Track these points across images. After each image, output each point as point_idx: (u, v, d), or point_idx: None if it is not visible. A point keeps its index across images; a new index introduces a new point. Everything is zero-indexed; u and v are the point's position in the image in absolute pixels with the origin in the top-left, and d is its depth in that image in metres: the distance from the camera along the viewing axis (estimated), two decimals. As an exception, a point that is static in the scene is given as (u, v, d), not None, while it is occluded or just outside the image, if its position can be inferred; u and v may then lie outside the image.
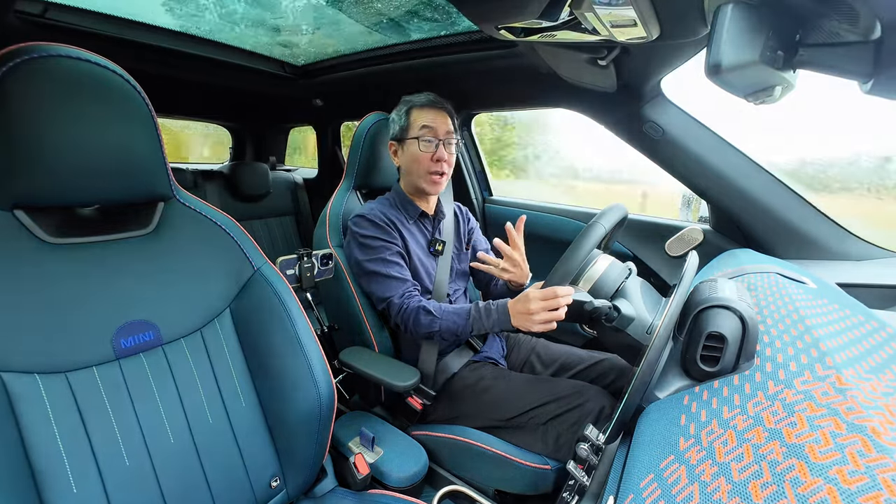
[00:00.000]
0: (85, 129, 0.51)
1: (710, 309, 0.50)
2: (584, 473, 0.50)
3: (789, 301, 0.55)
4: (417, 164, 0.99)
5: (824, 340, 0.44)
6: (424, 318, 0.89)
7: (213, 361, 0.64)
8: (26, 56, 0.48)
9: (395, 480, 0.79)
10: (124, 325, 0.57)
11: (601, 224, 0.78)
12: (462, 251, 1.15)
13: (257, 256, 0.71)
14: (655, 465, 0.38)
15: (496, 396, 0.90)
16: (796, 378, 0.39)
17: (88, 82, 0.51)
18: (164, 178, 0.62)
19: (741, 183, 0.99)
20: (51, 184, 0.51)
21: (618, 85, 0.97)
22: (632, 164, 1.84)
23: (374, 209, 1.00)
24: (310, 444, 0.68)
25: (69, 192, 0.53)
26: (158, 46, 1.28)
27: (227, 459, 0.63)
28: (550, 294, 0.75)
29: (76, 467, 0.51)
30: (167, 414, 0.58)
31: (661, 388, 0.50)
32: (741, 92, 0.49)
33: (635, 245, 1.25)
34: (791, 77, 0.47)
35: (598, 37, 0.69)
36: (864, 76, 0.43)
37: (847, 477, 0.27)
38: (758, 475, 0.30)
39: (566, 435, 0.82)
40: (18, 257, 0.51)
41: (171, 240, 0.64)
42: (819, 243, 0.95)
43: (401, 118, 1.01)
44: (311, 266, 1.00)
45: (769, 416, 0.35)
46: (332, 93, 1.80)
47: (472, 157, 1.63)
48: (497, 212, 1.61)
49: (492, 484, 0.89)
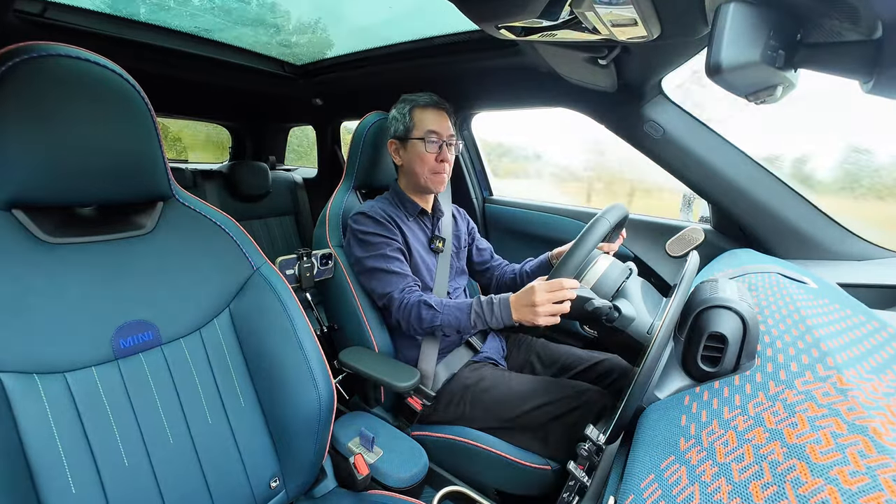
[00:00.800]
0: (84, 129, 0.51)
1: (710, 309, 0.50)
2: (585, 474, 0.50)
3: (790, 301, 0.55)
4: (422, 164, 1.00)
5: (825, 341, 0.44)
6: (426, 312, 0.89)
7: (213, 362, 0.64)
8: (25, 55, 0.48)
9: (394, 481, 0.79)
10: (123, 325, 0.57)
11: (606, 219, 0.78)
12: (460, 249, 1.15)
13: (257, 256, 0.71)
14: (656, 465, 0.38)
15: (496, 397, 0.90)
16: (797, 378, 0.39)
17: (88, 82, 0.51)
18: (164, 177, 0.62)
19: (742, 182, 0.99)
20: (49, 183, 0.51)
21: (618, 84, 0.97)
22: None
23: (375, 206, 1.01)
24: (309, 445, 0.67)
25: (68, 192, 0.53)
26: (158, 46, 1.28)
27: (226, 460, 0.63)
28: (557, 286, 0.74)
29: (75, 468, 0.51)
30: (166, 414, 0.58)
31: (661, 389, 0.50)
32: (742, 91, 0.48)
33: (636, 245, 1.25)
34: (792, 76, 0.47)
35: (599, 36, 0.69)
36: (866, 75, 0.43)
37: (848, 477, 0.27)
38: (758, 476, 0.30)
39: (566, 436, 0.82)
40: (16, 257, 0.51)
41: (171, 240, 0.64)
42: (820, 243, 0.95)
43: (404, 117, 1.01)
44: (311, 266, 1.00)
45: (770, 417, 0.35)
46: (332, 92, 1.80)
47: (472, 156, 1.63)
48: (497, 211, 1.61)
49: (492, 484, 0.88)
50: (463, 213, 1.24)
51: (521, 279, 1.13)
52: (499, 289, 1.19)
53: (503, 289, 1.18)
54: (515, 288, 1.07)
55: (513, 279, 1.16)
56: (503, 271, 1.20)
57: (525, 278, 1.12)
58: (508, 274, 1.18)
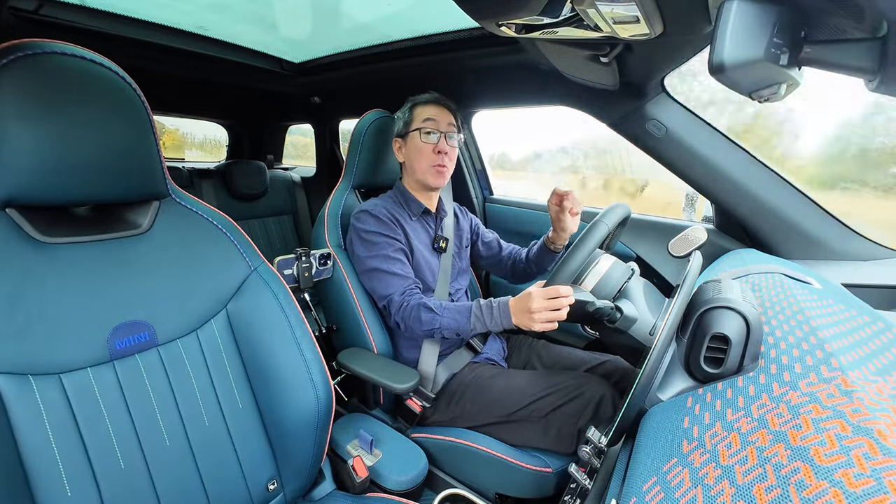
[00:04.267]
0: (79, 127, 0.51)
1: (713, 310, 0.49)
2: (586, 476, 0.50)
3: (794, 302, 0.55)
4: (420, 155, 0.99)
5: (830, 342, 0.43)
6: (425, 315, 0.88)
7: (209, 363, 0.63)
8: (20, 53, 0.47)
9: (394, 484, 0.79)
10: (119, 325, 0.56)
11: (604, 223, 0.77)
12: (462, 249, 1.15)
13: (254, 256, 0.70)
14: (658, 467, 0.37)
15: (496, 393, 0.90)
16: (801, 380, 0.38)
17: (83, 79, 0.51)
18: (160, 176, 0.61)
19: (745, 182, 0.99)
20: (44, 182, 0.50)
21: (620, 82, 0.96)
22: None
23: (378, 205, 1.00)
24: (307, 447, 0.67)
25: (62, 191, 0.52)
26: (154, 43, 1.27)
27: (223, 462, 0.62)
28: (553, 293, 0.74)
29: (70, 470, 0.50)
30: (162, 416, 0.58)
31: (664, 390, 0.50)
32: (745, 90, 0.48)
33: (638, 245, 1.24)
34: (797, 74, 0.46)
35: (601, 33, 0.68)
36: (871, 73, 0.42)
37: (853, 480, 0.26)
38: (762, 478, 0.30)
39: (567, 427, 0.82)
40: (10, 257, 0.51)
41: (167, 239, 0.63)
42: (824, 243, 0.95)
43: (405, 114, 1.03)
44: (309, 266, 1.00)
45: (774, 419, 0.35)
46: (331, 90, 1.80)
47: (473, 155, 1.62)
48: (498, 211, 1.60)
49: (492, 487, 0.88)
50: (465, 210, 1.23)
51: (534, 258, 1.11)
52: (516, 274, 1.17)
53: (519, 271, 1.16)
54: (530, 269, 1.10)
55: (529, 259, 1.13)
56: (518, 256, 1.17)
57: (537, 257, 1.10)
58: (522, 256, 1.16)
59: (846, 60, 0.44)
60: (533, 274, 1.15)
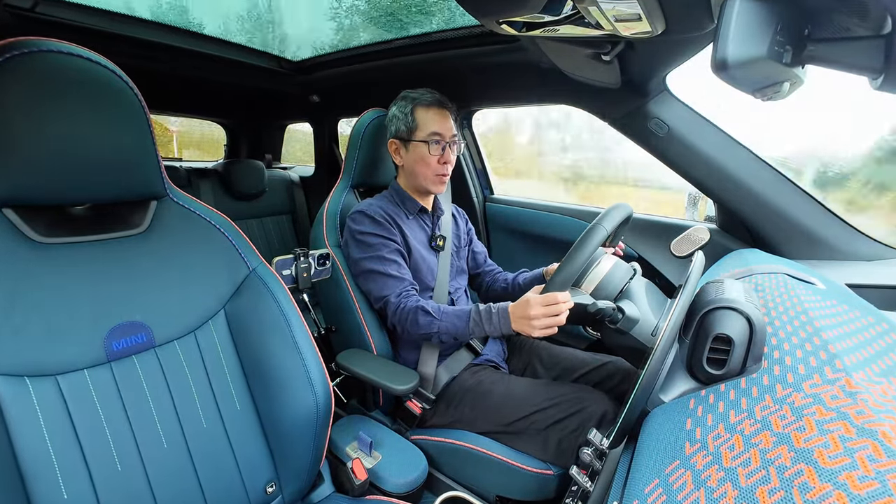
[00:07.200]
0: (76, 126, 0.50)
1: (716, 310, 0.49)
2: (588, 479, 0.50)
3: (798, 302, 0.55)
4: (425, 166, 0.98)
5: (834, 343, 0.43)
6: (423, 318, 0.88)
7: (207, 364, 0.63)
8: (16, 51, 0.47)
9: (393, 486, 0.78)
10: (116, 326, 0.56)
11: (602, 226, 0.76)
12: (461, 248, 1.14)
13: (253, 256, 0.70)
14: (660, 470, 0.37)
15: (496, 400, 0.89)
16: (805, 381, 0.38)
17: (80, 78, 0.50)
18: (157, 175, 0.61)
19: (748, 181, 0.98)
20: (40, 182, 0.50)
21: (622, 81, 0.96)
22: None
23: (373, 205, 0.99)
24: (306, 449, 0.67)
25: (59, 191, 0.52)
26: (152, 42, 1.26)
27: (221, 464, 0.62)
28: (551, 300, 0.74)
29: (66, 472, 0.50)
30: (160, 418, 0.57)
31: (666, 392, 0.49)
32: (748, 88, 0.47)
33: (640, 245, 1.24)
34: (800, 72, 0.46)
35: (602, 31, 0.68)
36: (875, 72, 0.42)
37: (857, 482, 0.26)
38: (765, 481, 0.29)
39: (567, 440, 0.81)
40: (7, 257, 0.50)
41: (165, 239, 0.63)
42: (828, 243, 0.94)
43: (406, 116, 0.98)
44: (308, 266, 0.99)
45: (777, 421, 0.34)
46: (329, 89, 1.79)
47: (473, 155, 1.62)
48: (498, 210, 1.60)
49: (493, 490, 0.87)
50: (462, 213, 1.23)
51: (514, 290, 1.11)
52: (487, 296, 1.18)
53: (491, 297, 1.16)
54: (504, 298, 1.01)
55: (504, 289, 1.14)
56: (494, 278, 1.18)
57: (518, 290, 1.10)
58: (500, 282, 1.16)
59: (850, 58, 0.44)
60: (507, 299, 1.12)
